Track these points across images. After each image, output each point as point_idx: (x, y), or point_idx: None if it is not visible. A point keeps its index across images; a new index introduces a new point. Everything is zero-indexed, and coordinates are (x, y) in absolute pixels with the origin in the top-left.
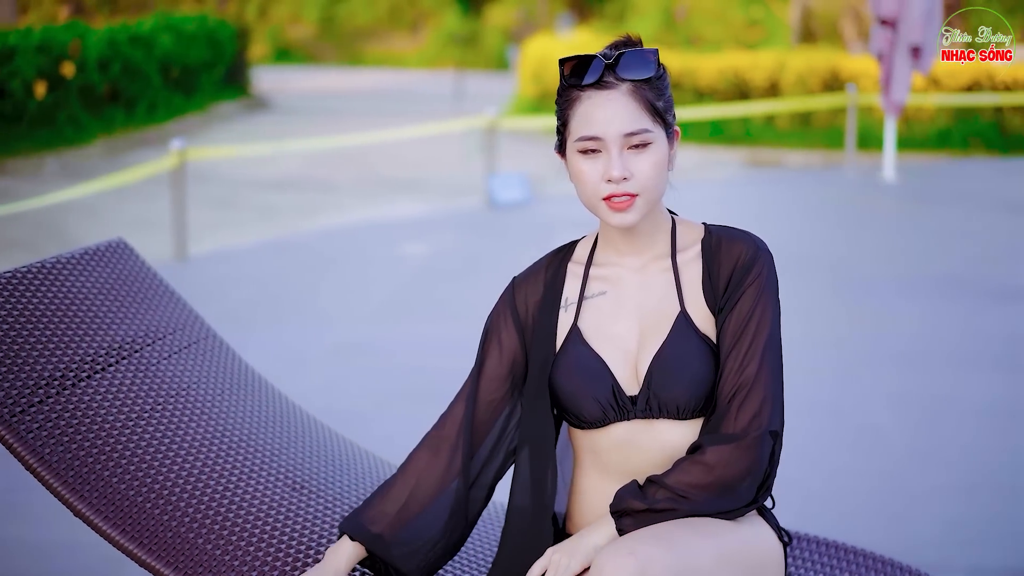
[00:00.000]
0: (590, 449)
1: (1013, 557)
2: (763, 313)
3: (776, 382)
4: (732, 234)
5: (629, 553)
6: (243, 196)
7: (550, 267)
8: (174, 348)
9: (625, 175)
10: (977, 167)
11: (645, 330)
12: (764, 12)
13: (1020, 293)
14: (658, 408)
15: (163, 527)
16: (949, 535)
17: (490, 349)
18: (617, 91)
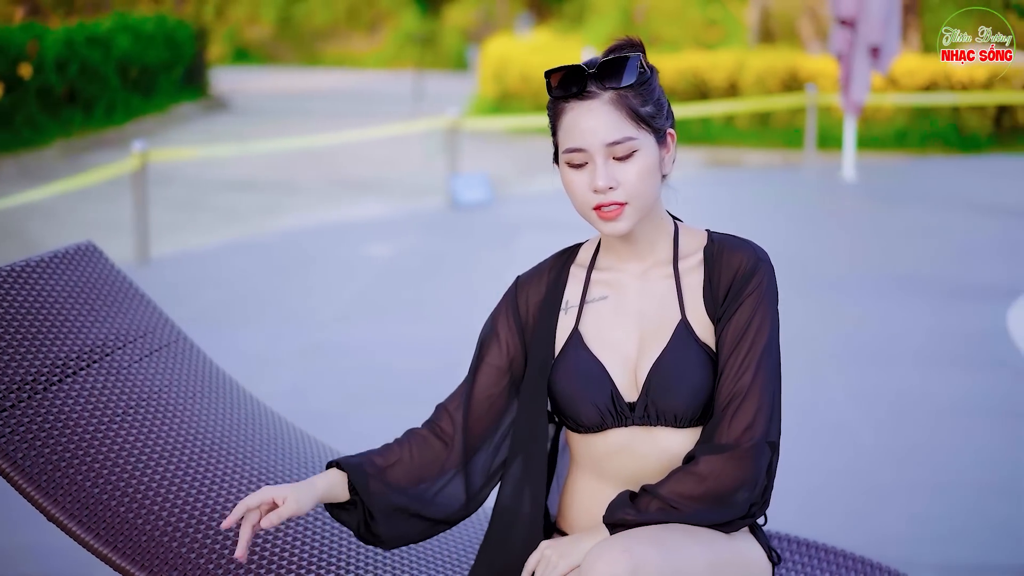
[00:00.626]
0: (587, 453)
1: (980, 553)
2: (761, 323)
3: (772, 392)
4: (734, 243)
5: (624, 550)
6: (204, 197)
7: (553, 268)
8: (145, 351)
9: (611, 184)
10: (935, 166)
11: (645, 337)
12: (722, 12)
13: (981, 291)
14: (656, 416)
15: (137, 531)
16: (917, 532)
17: (491, 344)
18: (599, 100)
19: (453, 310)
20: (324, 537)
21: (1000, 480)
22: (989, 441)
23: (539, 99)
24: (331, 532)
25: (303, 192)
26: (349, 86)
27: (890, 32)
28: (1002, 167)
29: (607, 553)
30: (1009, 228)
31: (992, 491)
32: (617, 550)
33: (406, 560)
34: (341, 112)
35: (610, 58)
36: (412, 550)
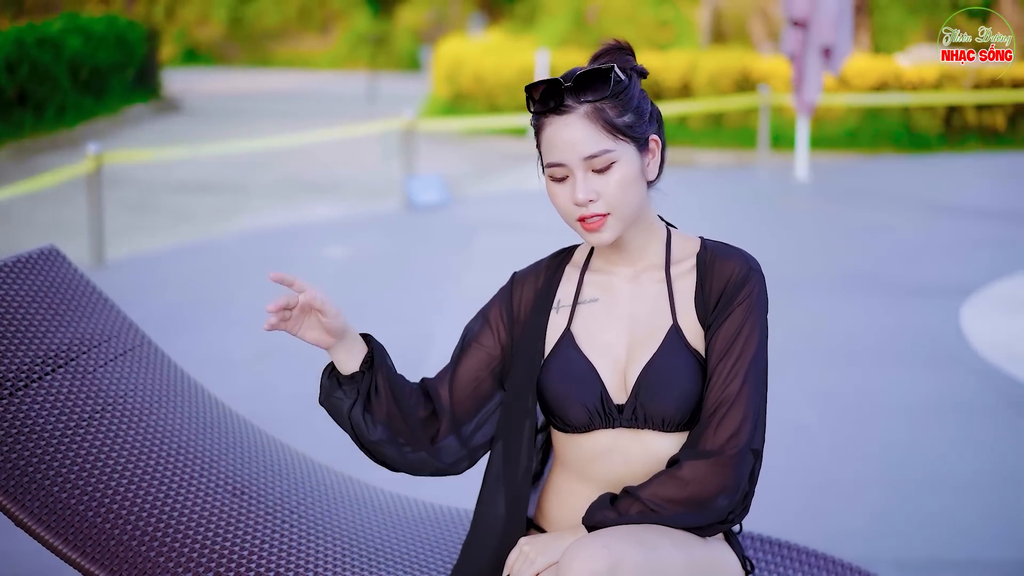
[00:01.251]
0: (572, 453)
1: (937, 548)
2: (750, 332)
3: (758, 401)
4: (727, 251)
5: (603, 547)
6: (158, 200)
7: (549, 268)
8: (110, 355)
9: (591, 197)
10: (886, 166)
11: (636, 340)
12: (674, 13)
13: (934, 290)
14: (644, 419)
15: (105, 535)
16: (874, 528)
17: (482, 329)
18: (575, 114)
19: (411, 312)
20: (294, 540)
21: (955, 476)
22: (944, 438)
23: (492, 100)
24: (303, 534)
25: (257, 194)
26: (302, 87)
27: (842, 33)
28: (952, 166)
29: (586, 548)
30: (960, 227)
31: (947, 487)
32: (596, 546)
33: (381, 562)
34: (294, 113)
35: (585, 71)
36: (386, 554)
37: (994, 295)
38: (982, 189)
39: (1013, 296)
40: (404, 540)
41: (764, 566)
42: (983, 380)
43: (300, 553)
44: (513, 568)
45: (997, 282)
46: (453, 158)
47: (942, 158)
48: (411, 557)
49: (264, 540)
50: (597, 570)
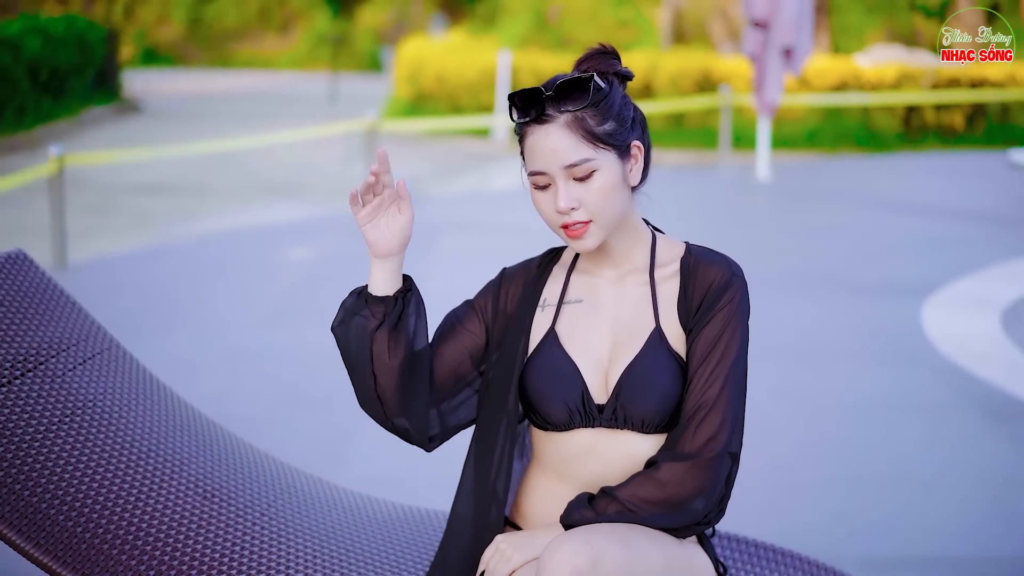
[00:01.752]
0: (550, 452)
1: (900, 545)
2: (731, 338)
3: (737, 405)
4: (710, 257)
5: (585, 542)
6: (119, 202)
7: (537, 267)
8: (79, 359)
9: (573, 205)
10: (847, 165)
11: (618, 342)
12: (634, 13)
13: (895, 288)
14: (624, 419)
15: (76, 538)
16: (837, 526)
17: (468, 314)
18: (555, 124)
19: None
20: (265, 542)
21: (917, 474)
22: (906, 436)
23: (455, 100)
24: (274, 536)
25: (219, 196)
26: (262, 87)
27: (802, 33)
28: (910, 166)
29: (569, 543)
30: (920, 226)
31: (910, 485)
32: (579, 541)
33: (352, 563)
34: (255, 114)
35: (565, 80)
36: (357, 554)
37: (954, 294)
38: (941, 188)
39: (973, 295)
40: (375, 541)
41: (732, 563)
42: (944, 378)
43: (271, 555)
44: (489, 565)
45: (957, 281)
46: (416, 159)
47: (901, 157)
48: (382, 557)
49: (235, 542)
50: (579, 565)
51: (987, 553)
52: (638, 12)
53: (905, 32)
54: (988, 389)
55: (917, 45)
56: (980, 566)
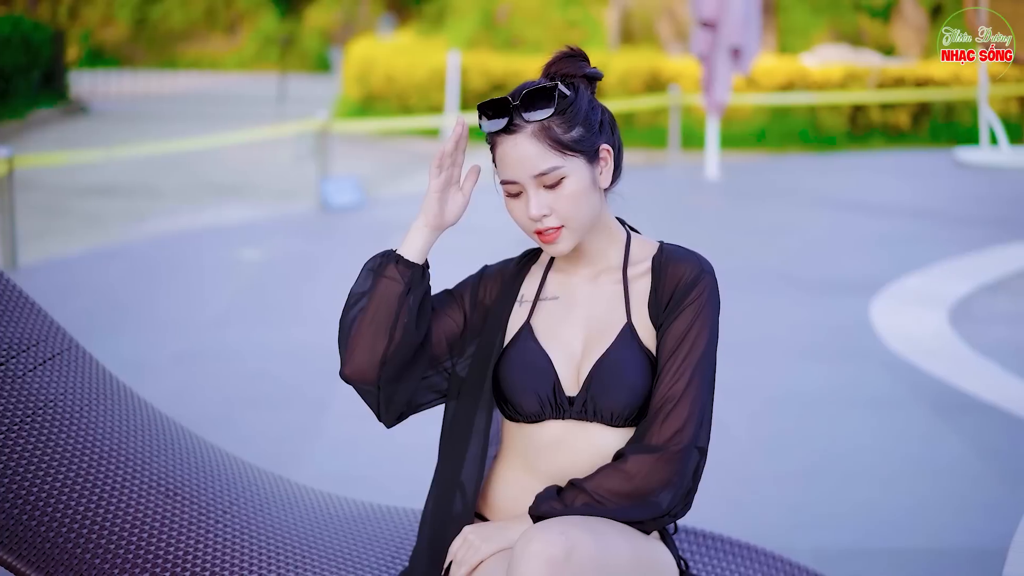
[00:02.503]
0: (520, 443)
1: (851, 536)
2: (699, 333)
3: (704, 400)
4: (681, 254)
5: (560, 533)
6: (68, 203)
7: (516, 265)
8: (39, 360)
9: (544, 212)
10: (794, 164)
11: (591, 337)
12: (582, 14)
13: (844, 285)
14: (593, 412)
15: (40, 538)
16: (791, 519)
17: (449, 301)
18: (523, 134)
19: (328, 313)
20: (228, 539)
21: (869, 468)
22: (857, 430)
23: (404, 100)
24: (236, 533)
25: (169, 197)
26: (210, 88)
27: (750, 33)
28: (857, 164)
29: (544, 534)
30: (867, 223)
31: (862, 479)
32: (554, 532)
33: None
34: (204, 115)
35: (530, 90)
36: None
37: (902, 290)
38: (889, 186)
39: (920, 290)
40: (338, 537)
41: (691, 556)
42: (894, 374)
43: (235, 552)
44: (457, 555)
45: (905, 277)
46: (366, 159)
47: (848, 156)
48: (345, 553)
49: (199, 540)
50: (554, 555)
51: (936, 544)
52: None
53: (850, 32)
54: (937, 383)
55: (862, 45)
56: (930, 557)
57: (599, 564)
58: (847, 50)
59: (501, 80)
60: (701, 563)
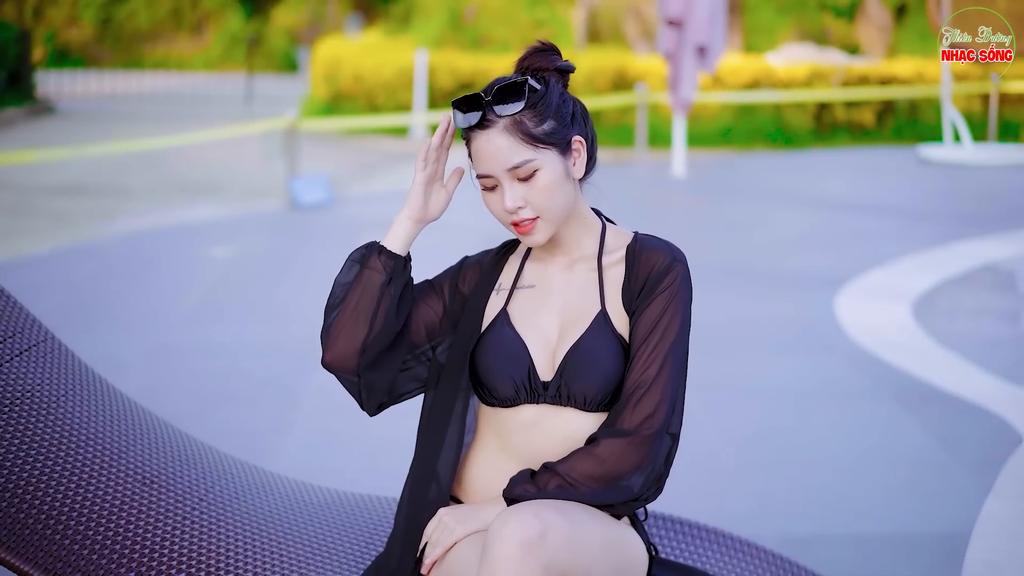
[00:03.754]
0: (495, 427)
1: (816, 523)
2: (671, 320)
3: (676, 386)
4: (654, 243)
5: (534, 515)
6: (34, 203)
7: (496, 255)
8: (16, 351)
9: (519, 204)
10: (760, 162)
11: (566, 323)
12: (549, 13)
13: (809, 280)
14: (567, 396)
15: (19, 524)
16: (757, 507)
17: (429, 291)
18: (495, 128)
19: (298, 309)
20: (204, 526)
21: (834, 457)
22: (822, 422)
23: (372, 99)
24: (212, 520)
25: (137, 196)
26: (177, 88)
27: (716, 32)
28: (822, 161)
29: (518, 516)
30: (832, 220)
31: (827, 468)
32: (528, 514)
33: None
34: (171, 115)
35: (501, 85)
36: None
37: (866, 284)
38: (852, 183)
39: (883, 285)
40: (311, 523)
41: (660, 540)
42: (858, 366)
43: (211, 538)
44: (432, 537)
45: (869, 272)
46: (335, 158)
47: (813, 154)
48: (318, 538)
49: (175, 527)
50: (529, 537)
51: (900, 530)
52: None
53: (815, 31)
54: (900, 375)
55: (827, 44)
56: (894, 542)
57: (572, 546)
58: (812, 49)
59: (469, 79)
60: (670, 547)
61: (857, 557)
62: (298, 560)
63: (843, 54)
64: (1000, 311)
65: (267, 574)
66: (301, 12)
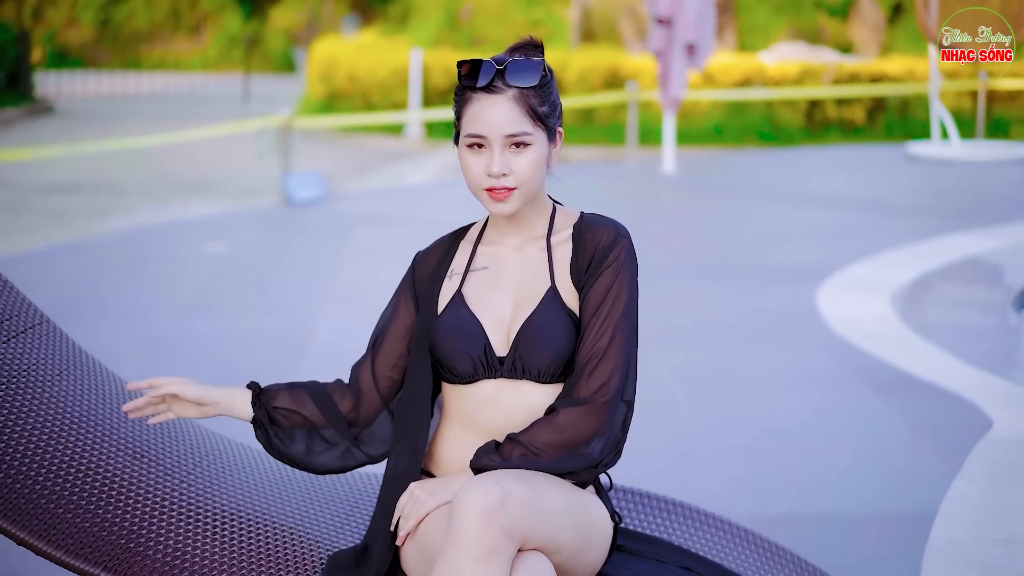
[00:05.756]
0: (458, 404)
1: (786, 504)
2: (619, 292)
3: (627, 355)
4: (598, 221)
5: (495, 483)
6: (31, 201)
7: (445, 243)
8: (12, 333)
9: (504, 171)
10: (750, 159)
11: (519, 301)
12: (545, 13)
13: (793, 273)
14: (522, 370)
15: (16, 494)
16: (732, 489)
17: (394, 314)
18: (503, 96)
19: (291, 303)
20: (192, 498)
21: (809, 443)
22: (799, 407)
23: (367, 98)
24: (199, 493)
25: (133, 194)
26: (175, 89)
27: (705, 30)
28: (811, 158)
29: (480, 485)
30: (819, 215)
31: (802, 453)
32: (489, 483)
33: (272, 516)
34: (169, 114)
35: (519, 59)
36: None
37: (849, 277)
38: (841, 179)
39: (866, 278)
40: (295, 497)
41: (628, 514)
42: (836, 355)
43: (198, 509)
44: (404, 510)
45: (852, 265)
46: (330, 156)
47: (804, 151)
48: (302, 510)
49: (164, 498)
50: (490, 503)
51: (867, 509)
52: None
53: (810, 30)
54: (877, 364)
55: (821, 42)
56: (860, 520)
57: (533, 511)
58: (804, 48)
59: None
60: (640, 520)
61: (825, 534)
62: (282, 529)
63: (835, 53)
64: (980, 303)
65: (252, 539)
66: (299, 13)
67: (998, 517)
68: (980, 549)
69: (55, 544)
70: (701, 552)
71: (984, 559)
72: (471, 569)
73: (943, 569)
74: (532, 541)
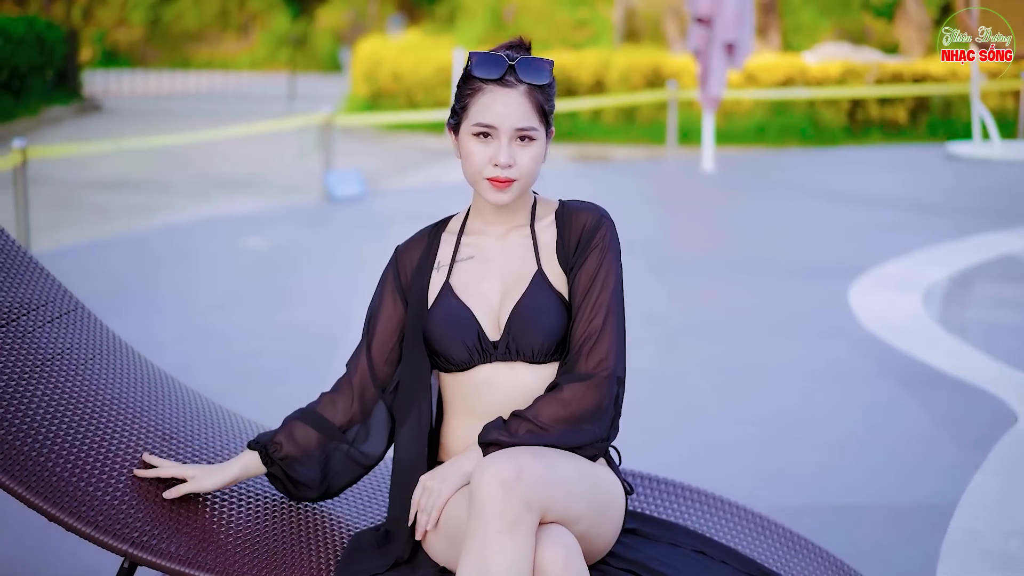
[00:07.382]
0: (458, 391)
1: (808, 495)
2: (608, 272)
3: (619, 332)
4: (581, 205)
5: (509, 458)
6: (79, 197)
7: (427, 236)
8: (48, 318)
9: (510, 163)
10: (791, 158)
11: (507, 287)
12: (590, 13)
13: (827, 270)
14: (516, 352)
15: (48, 472)
16: (754, 480)
17: (380, 309)
18: (516, 91)
19: (329, 297)
20: None
21: (830, 433)
22: (825, 401)
23: (411, 97)
24: None
25: (178, 191)
26: (222, 88)
27: (744, 29)
28: (854, 158)
29: (496, 462)
30: (857, 214)
31: (825, 445)
32: (504, 459)
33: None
34: (215, 113)
35: (533, 57)
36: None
37: (882, 275)
38: (882, 179)
39: (899, 275)
40: None
41: (642, 499)
42: (865, 350)
43: (224, 491)
44: (420, 503)
45: (887, 263)
46: (372, 154)
47: (846, 151)
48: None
49: None
50: (507, 476)
51: (888, 501)
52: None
53: (855, 30)
54: (905, 359)
55: (866, 43)
56: (882, 512)
57: (548, 482)
58: (848, 48)
59: None
60: (660, 507)
61: (845, 525)
62: (307, 508)
63: (879, 52)
64: (1011, 300)
65: (278, 517)
66: (345, 12)
67: (1017, 509)
68: (997, 540)
69: (85, 520)
70: (716, 537)
71: (1001, 550)
72: (497, 541)
73: (960, 559)
74: (552, 512)
